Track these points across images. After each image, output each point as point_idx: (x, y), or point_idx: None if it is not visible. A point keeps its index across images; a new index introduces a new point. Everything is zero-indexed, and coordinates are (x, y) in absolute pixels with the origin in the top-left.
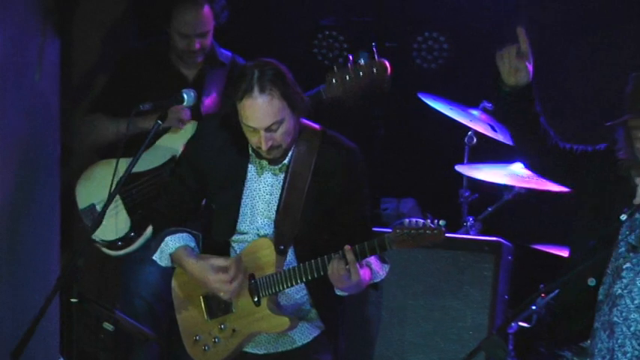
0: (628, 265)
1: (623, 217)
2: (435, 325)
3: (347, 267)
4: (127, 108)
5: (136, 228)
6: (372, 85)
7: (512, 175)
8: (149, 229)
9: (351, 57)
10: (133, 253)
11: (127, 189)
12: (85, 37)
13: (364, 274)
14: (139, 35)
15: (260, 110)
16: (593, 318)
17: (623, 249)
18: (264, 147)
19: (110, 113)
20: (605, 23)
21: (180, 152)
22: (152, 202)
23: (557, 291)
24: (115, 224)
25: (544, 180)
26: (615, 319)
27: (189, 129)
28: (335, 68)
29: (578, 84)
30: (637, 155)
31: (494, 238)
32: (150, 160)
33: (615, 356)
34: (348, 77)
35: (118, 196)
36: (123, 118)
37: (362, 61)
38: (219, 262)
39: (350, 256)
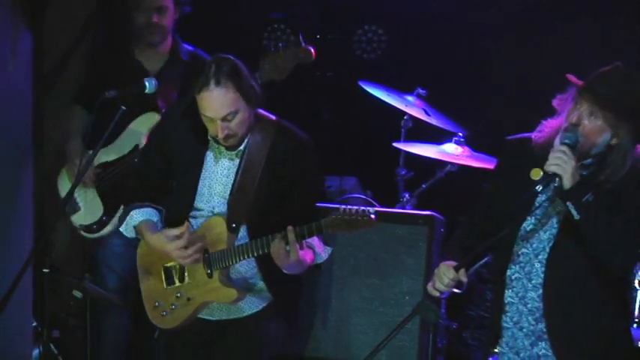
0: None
1: (539, 187)
2: (374, 291)
3: (287, 247)
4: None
5: (108, 212)
6: (299, 63)
7: (443, 152)
8: (120, 210)
9: (281, 45)
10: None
11: (100, 177)
12: (57, 29)
13: (305, 254)
14: (108, 26)
15: (216, 102)
16: None
17: (549, 221)
18: (220, 135)
19: (86, 106)
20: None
21: (142, 141)
22: (122, 187)
23: (486, 259)
24: (91, 210)
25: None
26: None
27: (150, 120)
28: (267, 55)
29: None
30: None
31: (427, 212)
32: (117, 150)
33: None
34: (278, 61)
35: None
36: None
37: (290, 48)
38: (173, 231)
39: (291, 237)
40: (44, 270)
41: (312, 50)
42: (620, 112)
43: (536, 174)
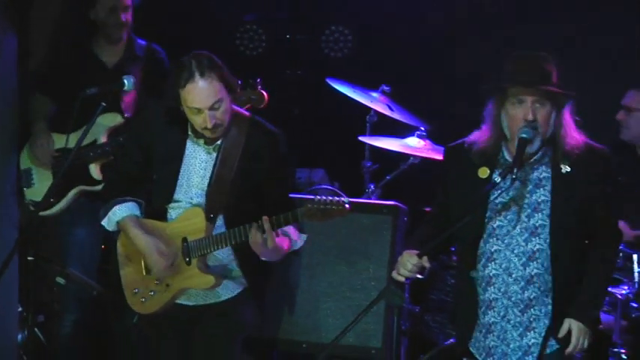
0: (497, 246)
1: (497, 179)
2: (342, 277)
3: (264, 235)
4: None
5: (56, 194)
6: (252, 105)
7: (406, 146)
8: (70, 193)
9: (240, 82)
10: (65, 217)
11: (58, 161)
12: (40, 28)
13: (281, 242)
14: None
15: (203, 92)
16: None
17: (516, 216)
18: (209, 125)
19: (47, 95)
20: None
21: (101, 139)
22: (68, 175)
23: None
24: (42, 189)
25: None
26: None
27: (112, 120)
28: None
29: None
30: (501, 128)
31: (392, 203)
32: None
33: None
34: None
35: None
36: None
37: (246, 89)
38: (163, 247)
39: (267, 226)
40: (29, 258)
41: (266, 95)
42: (554, 88)
43: (484, 172)
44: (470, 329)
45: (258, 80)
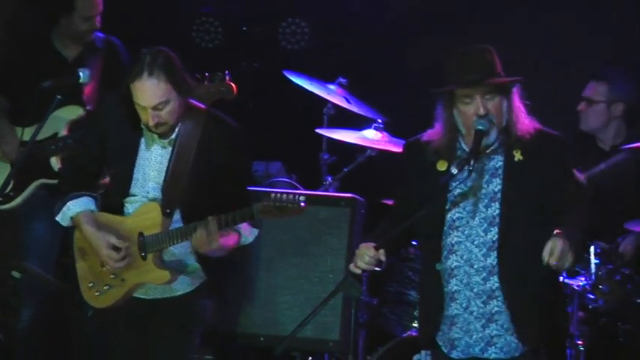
0: (457, 236)
1: (454, 170)
2: (299, 270)
3: (209, 236)
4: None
5: (15, 187)
6: (221, 98)
7: (363, 138)
8: (31, 187)
9: (207, 75)
10: (24, 210)
11: (21, 154)
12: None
13: (227, 240)
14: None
15: (148, 91)
16: None
17: (474, 207)
18: (151, 123)
19: (3, 94)
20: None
21: (62, 131)
22: (29, 168)
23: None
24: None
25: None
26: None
27: (73, 112)
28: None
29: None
30: (455, 124)
31: (349, 195)
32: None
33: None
34: (201, 91)
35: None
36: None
37: (215, 82)
38: (115, 240)
39: (212, 227)
40: None
41: (234, 87)
42: (500, 78)
43: (442, 165)
44: (436, 322)
45: (227, 72)
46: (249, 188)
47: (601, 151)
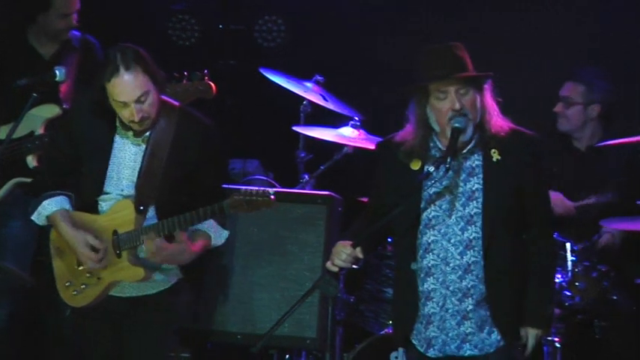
0: (434, 235)
1: (431, 168)
2: (276, 268)
3: (154, 251)
4: None
5: None
6: (199, 96)
7: (340, 135)
8: (7, 185)
9: (186, 73)
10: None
11: None
12: None
13: (195, 245)
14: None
15: (128, 85)
16: None
17: (450, 205)
18: (136, 118)
19: None
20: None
21: (38, 129)
22: (5, 167)
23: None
24: None
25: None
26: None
27: (50, 111)
28: (170, 81)
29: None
30: (428, 122)
31: (326, 192)
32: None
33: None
34: (179, 90)
35: None
36: None
37: (193, 81)
38: (93, 241)
39: (150, 247)
40: None
41: (213, 86)
42: (470, 73)
43: (416, 165)
44: (411, 321)
45: (206, 71)
46: (224, 186)
47: (577, 151)
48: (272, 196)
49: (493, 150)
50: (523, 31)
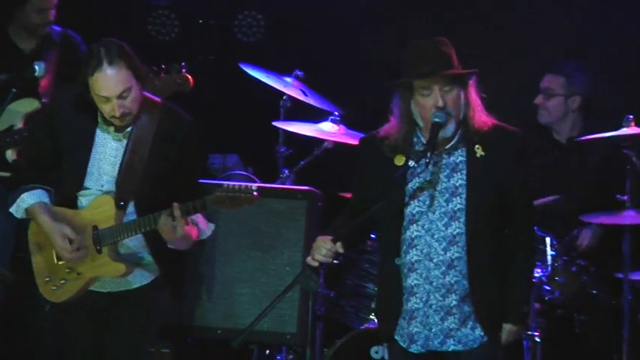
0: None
1: (411, 163)
2: (256, 263)
3: (174, 222)
4: None
5: None
6: (177, 90)
7: (320, 130)
8: None
9: (164, 66)
10: None
11: None
12: None
13: (190, 230)
14: None
15: (111, 80)
16: None
17: (433, 200)
18: (117, 114)
19: None
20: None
21: (18, 124)
22: None
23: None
24: None
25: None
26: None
27: (29, 105)
28: (150, 74)
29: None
30: (412, 117)
31: (306, 187)
32: None
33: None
34: (158, 83)
35: None
36: None
37: (171, 74)
38: (69, 232)
39: (177, 213)
40: None
41: (191, 79)
42: (457, 70)
43: (400, 160)
44: (394, 316)
45: (183, 64)
46: (203, 181)
47: (557, 144)
48: (255, 193)
49: (477, 146)
50: (503, 25)
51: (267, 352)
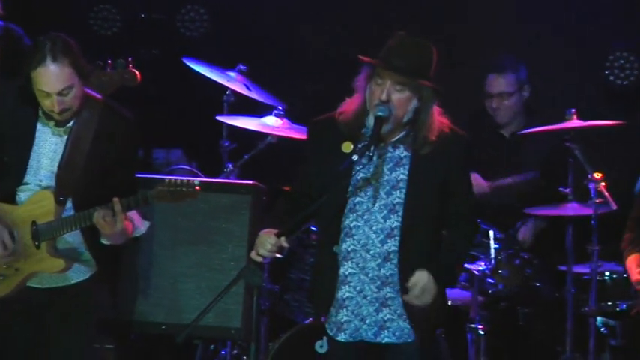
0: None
1: (355, 157)
2: (201, 258)
3: (115, 217)
4: None
5: None
6: (124, 84)
7: (264, 125)
8: None
9: (110, 61)
10: None
11: None
12: None
13: (127, 225)
14: None
15: (53, 77)
16: None
17: (375, 192)
18: (56, 109)
19: None
20: None
21: None
22: None
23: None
24: None
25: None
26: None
27: None
28: (94, 69)
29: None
30: (367, 97)
31: (250, 182)
32: None
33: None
34: (104, 78)
35: None
36: None
37: (117, 69)
38: (7, 239)
39: (117, 207)
40: None
41: (138, 74)
42: (420, 78)
43: (348, 147)
44: (327, 304)
45: (130, 59)
46: (146, 176)
47: (502, 138)
48: (197, 187)
49: (423, 143)
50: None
51: (212, 347)
